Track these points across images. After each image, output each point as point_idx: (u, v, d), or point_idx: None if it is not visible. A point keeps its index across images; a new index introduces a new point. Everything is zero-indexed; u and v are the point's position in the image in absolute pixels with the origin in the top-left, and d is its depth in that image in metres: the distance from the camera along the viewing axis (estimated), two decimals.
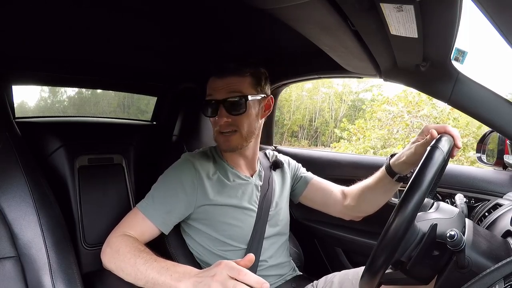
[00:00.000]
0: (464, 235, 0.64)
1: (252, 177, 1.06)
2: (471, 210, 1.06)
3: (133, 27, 1.01)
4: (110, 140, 1.22)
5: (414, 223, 0.64)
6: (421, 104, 5.57)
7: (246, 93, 0.96)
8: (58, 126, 1.21)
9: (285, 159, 1.20)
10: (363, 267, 0.66)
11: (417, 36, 0.67)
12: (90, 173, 1.10)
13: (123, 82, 1.47)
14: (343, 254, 1.40)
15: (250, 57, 1.12)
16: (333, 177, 1.23)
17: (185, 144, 1.29)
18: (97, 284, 0.91)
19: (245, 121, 0.97)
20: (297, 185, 1.18)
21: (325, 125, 13.61)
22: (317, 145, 13.07)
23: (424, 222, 0.66)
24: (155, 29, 1.04)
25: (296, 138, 13.60)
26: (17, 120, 1.11)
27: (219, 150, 1.05)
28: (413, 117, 5.61)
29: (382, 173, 0.97)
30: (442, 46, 0.76)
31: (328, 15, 0.65)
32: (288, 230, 1.14)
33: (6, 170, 0.84)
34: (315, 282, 1.09)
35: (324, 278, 1.08)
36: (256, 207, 1.02)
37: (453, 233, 0.59)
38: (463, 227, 0.68)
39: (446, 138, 0.71)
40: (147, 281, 0.74)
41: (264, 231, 1.02)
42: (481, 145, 1.22)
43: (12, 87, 1.14)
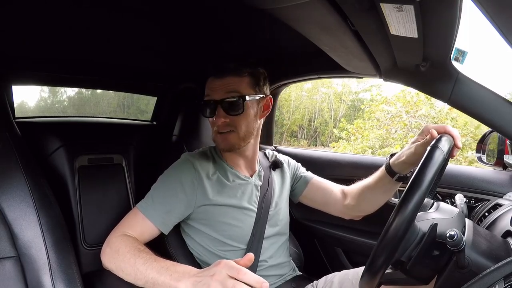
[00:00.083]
0: (464, 235, 0.64)
1: (251, 177, 1.06)
2: (471, 210, 1.06)
3: (133, 27, 1.01)
4: (110, 140, 1.22)
5: (414, 223, 0.64)
6: (419, 104, 5.57)
7: (244, 93, 0.96)
8: (58, 126, 1.21)
9: (285, 159, 1.20)
10: (363, 267, 0.66)
11: (417, 36, 0.67)
12: (90, 173, 1.10)
13: (123, 82, 1.47)
14: (343, 254, 1.40)
15: (250, 57, 1.11)
16: (333, 177, 1.23)
17: (185, 144, 1.29)
18: (97, 284, 0.91)
19: (243, 121, 0.97)
20: (297, 185, 1.18)
21: (324, 125, 13.62)
22: (316, 145, 13.08)
23: (424, 222, 0.66)
24: (155, 29, 1.04)
25: (295, 138, 13.61)
26: (17, 120, 1.11)
27: (218, 150, 1.05)
28: (411, 117, 5.60)
29: (382, 172, 0.97)
30: (442, 46, 0.76)
31: (328, 15, 0.65)
32: (288, 230, 1.14)
33: (6, 170, 0.84)
34: (315, 282, 1.09)
35: (324, 278, 1.08)
36: (255, 207, 1.02)
37: (453, 233, 0.59)
38: (463, 227, 0.68)
39: (446, 138, 0.71)
40: (147, 281, 0.74)
41: (263, 231, 1.02)
42: (481, 145, 1.22)
43: (12, 87, 1.14)
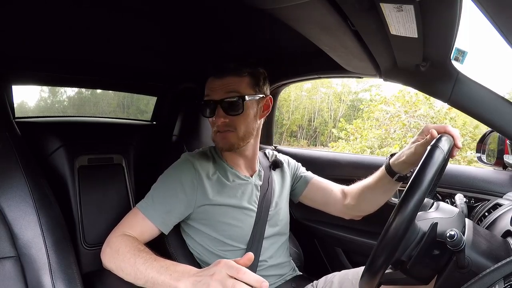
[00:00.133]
0: (464, 235, 0.64)
1: (251, 177, 1.06)
2: (471, 210, 1.06)
3: (133, 27, 1.01)
4: (110, 140, 1.22)
5: (415, 222, 0.64)
6: (418, 104, 5.59)
7: (244, 93, 0.96)
8: (58, 126, 1.21)
9: (285, 159, 1.20)
10: (363, 267, 0.66)
11: (417, 36, 0.67)
12: (90, 173, 1.10)
13: (123, 82, 1.47)
14: (343, 254, 1.40)
15: (250, 57, 1.11)
16: (333, 177, 1.22)
17: (185, 144, 1.29)
18: (97, 284, 0.91)
19: (243, 121, 0.97)
20: (297, 185, 1.18)
21: (324, 125, 13.62)
22: (316, 145, 13.08)
23: (424, 222, 0.66)
24: (155, 29, 1.04)
25: (295, 138, 13.61)
26: (17, 120, 1.11)
27: (218, 150, 1.05)
28: (410, 117, 5.62)
29: (382, 172, 0.97)
30: (442, 46, 0.76)
31: (328, 15, 0.65)
32: (288, 230, 1.14)
33: (6, 170, 0.84)
34: (315, 282, 1.09)
35: (324, 278, 1.08)
36: (255, 207, 1.02)
37: (453, 233, 0.59)
38: (463, 227, 0.68)
39: (446, 138, 0.71)
40: (147, 280, 0.74)
41: (263, 231, 1.02)
42: (481, 145, 1.22)
43: (12, 87, 1.14)
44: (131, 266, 0.77)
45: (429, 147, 0.67)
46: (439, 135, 0.73)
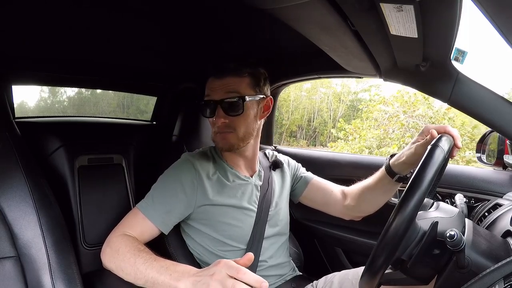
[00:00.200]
0: (464, 235, 0.64)
1: (251, 177, 1.06)
2: (471, 210, 1.06)
3: (133, 27, 1.01)
4: (110, 140, 1.22)
5: (415, 221, 0.64)
6: (416, 104, 5.61)
7: (244, 93, 0.96)
8: (58, 126, 1.21)
9: (285, 159, 1.20)
10: (363, 267, 0.66)
11: (417, 36, 0.67)
12: (90, 173, 1.10)
13: (123, 82, 1.47)
14: (343, 254, 1.40)
15: (250, 57, 1.11)
16: (333, 177, 1.22)
17: (185, 144, 1.29)
18: (97, 284, 0.91)
19: (243, 122, 0.97)
20: (297, 185, 1.18)
21: (323, 125, 13.62)
22: (315, 145, 13.07)
23: (424, 221, 0.66)
24: (155, 29, 1.04)
25: (294, 138, 13.60)
26: (17, 120, 1.11)
27: (218, 150, 1.05)
28: (408, 117, 5.63)
29: (382, 173, 0.97)
30: (442, 46, 0.76)
31: (328, 15, 0.65)
32: (288, 230, 1.14)
33: (6, 170, 0.84)
34: (315, 282, 1.09)
35: (324, 278, 1.08)
36: (255, 207, 1.02)
37: (452, 233, 0.59)
38: (463, 227, 0.68)
39: (446, 138, 0.72)
40: (147, 280, 0.74)
41: (263, 231, 1.02)
42: (481, 145, 1.22)
43: (12, 87, 1.14)
44: (131, 266, 0.77)
45: (429, 147, 0.68)
46: (439, 135, 0.73)
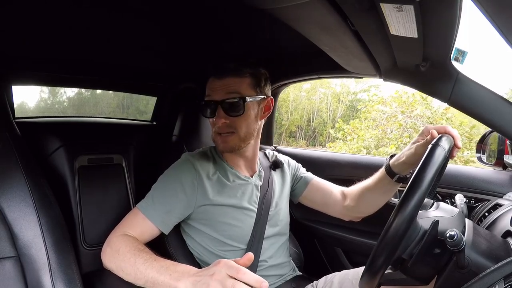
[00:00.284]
0: (464, 235, 0.64)
1: (252, 177, 1.06)
2: (471, 210, 1.06)
3: (133, 27, 1.01)
4: (110, 140, 1.22)
5: (416, 220, 0.64)
6: (414, 105, 5.63)
7: (245, 94, 0.96)
8: (58, 126, 1.21)
9: (285, 159, 1.20)
10: (363, 267, 0.66)
11: (417, 36, 0.67)
12: (90, 173, 1.10)
13: (123, 82, 1.47)
14: (343, 254, 1.40)
15: (250, 57, 1.11)
16: (333, 177, 1.23)
17: (185, 144, 1.29)
18: (97, 284, 0.91)
19: (243, 122, 0.97)
20: (297, 185, 1.18)
21: (323, 125, 13.61)
22: (315, 145, 13.07)
23: (425, 220, 0.66)
24: (155, 29, 1.04)
25: (294, 139, 13.59)
26: (17, 120, 1.11)
27: (219, 151, 1.05)
28: (406, 117, 5.65)
29: (382, 173, 0.98)
30: (442, 46, 0.76)
31: (328, 15, 0.65)
32: (288, 230, 1.14)
33: (6, 170, 0.84)
34: (315, 282, 1.09)
35: (324, 278, 1.08)
36: (256, 207, 1.02)
37: (453, 233, 0.59)
38: (463, 227, 0.68)
39: (446, 138, 0.72)
40: (147, 280, 0.74)
41: (264, 231, 1.02)
42: (481, 145, 1.22)
43: (12, 87, 1.14)
44: (131, 266, 0.77)
45: (430, 146, 0.68)
46: (440, 135, 0.73)
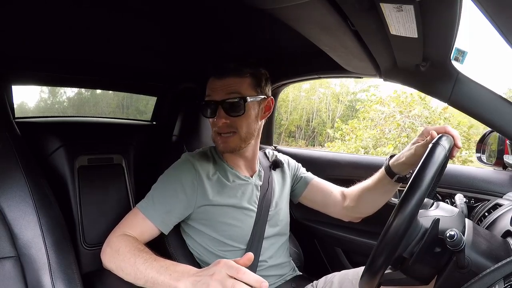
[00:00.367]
0: (464, 235, 0.64)
1: (252, 177, 1.06)
2: (471, 210, 1.06)
3: (133, 27, 1.01)
4: (110, 140, 1.22)
5: (417, 218, 0.64)
6: (412, 105, 5.66)
7: (245, 94, 0.96)
8: (58, 126, 1.21)
9: (285, 159, 1.20)
10: (363, 267, 0.66)
11: (417, 36, 0.67)
12: (90, 173, 1.10)
13: (123, 82, 1.47)
14: (343, 254, 1.40)
15: (250, 57, 1.11)
16: (333, 177, 1.22)
17: (185, 144, 1.29)
18: (97, 284, 0.91)
19: (244, 122, 0.97)
20: (297, 186, 1.18)
21: (322, 125, 13.61)
22: (314, 145, 13.07)
23: (426, 218, 0.66)
24: (155, 29, 1.04)
25: (293, 138, 13.60)
26: (17, 120, 1.11)
27: (219, 152, 1.05)
28: (405, 117, 5.67)
29: (382, 174, 0.98)
30: (442, 46, 0.76)
31: (328, 15, 0.65)
32: (288, 231, 1.14)
33: (6, 170, 0.84)
34: (315, 282, 1.09)
35: (324, 278, 1.08)
36: (255, 207, 1.02)
37: (452, 233, 0.59)
38: (463, 227, 0.68)
39: (446, 137, 0.72)
40: (147, 280, 0.74)
41: (263, 231, 1.02)
42: (481, 145, 1.22)
43: (12, 87, 1.14)
44: (131, 266, 0.77)
45: (430, 145, 0.68)
46: (440, 135, 0.73)
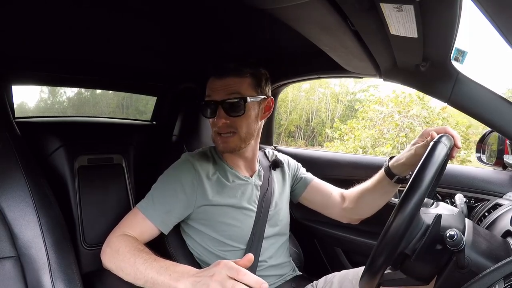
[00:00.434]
0: (464, 235, 0.64)
1: (251, 177, 1.06)
2: (471, 210, 1.06)
3: (133, 27, 1.01)
4: (110, 140, 1.22)
5: (419, 215, 0.63)
6: (411, 105, 5.68)
7: (245, 94, 0.96)
8: (58, 126, 1.21)
9: (285, 159, 1.20)
10: (363, 267, 0.66)
11: (417, 36, 0.67)
12: (90, 173, 1.10)
13: (123, 82, 1.47)
14: (343, 254, 1.40)
15: (250, 57, 1.11)
16: (332, 177, 1.22)
17: (185, 144, 1.29)
18: (97, 284, 0.91)
19: (244, 122, 0.97)
20: (297, 186, 1.18)
21: (321, 125, 13.61)
22: (313, 145, 13.07)
23: (428, 215, 0.66)
24: (155, 29, 1.04)
25: (293, 138, 13.60)
26: (17, 120, 1.11)
27: (219, 152, 1.05)
28: (403, 117, 5.69)
29: (381, 175, 0.98)
30: (442, 46, 0.76)
31: (328, 15, 0.65)
32: (288, 231, 1.14)
33: (6, 170, 0.84)
34: (315, 282, 1.09)
35: (324, 278, 1.08)
36: (255, 207, 1.02)
37: (452, 233, 0.59)
38: (463, 227, 0.68)
39: (447, 137, 0.72)
40: (146, 280, 0.74)
41: (263, 231, 1.02)
42: (481, 145, 1.22)
43: (12, 87, 1.14)
44: (131, 266, 0.77)
45: (432, 143, 0.68)
46: (440, 134, 0.73)
